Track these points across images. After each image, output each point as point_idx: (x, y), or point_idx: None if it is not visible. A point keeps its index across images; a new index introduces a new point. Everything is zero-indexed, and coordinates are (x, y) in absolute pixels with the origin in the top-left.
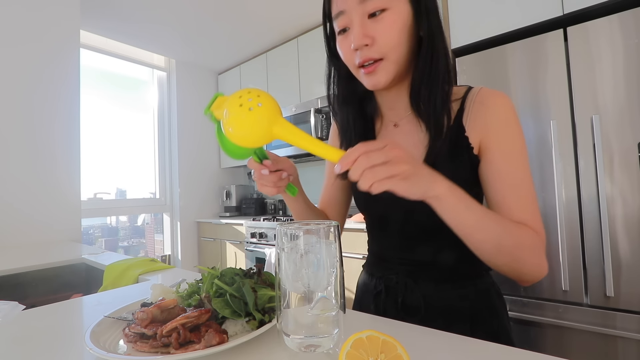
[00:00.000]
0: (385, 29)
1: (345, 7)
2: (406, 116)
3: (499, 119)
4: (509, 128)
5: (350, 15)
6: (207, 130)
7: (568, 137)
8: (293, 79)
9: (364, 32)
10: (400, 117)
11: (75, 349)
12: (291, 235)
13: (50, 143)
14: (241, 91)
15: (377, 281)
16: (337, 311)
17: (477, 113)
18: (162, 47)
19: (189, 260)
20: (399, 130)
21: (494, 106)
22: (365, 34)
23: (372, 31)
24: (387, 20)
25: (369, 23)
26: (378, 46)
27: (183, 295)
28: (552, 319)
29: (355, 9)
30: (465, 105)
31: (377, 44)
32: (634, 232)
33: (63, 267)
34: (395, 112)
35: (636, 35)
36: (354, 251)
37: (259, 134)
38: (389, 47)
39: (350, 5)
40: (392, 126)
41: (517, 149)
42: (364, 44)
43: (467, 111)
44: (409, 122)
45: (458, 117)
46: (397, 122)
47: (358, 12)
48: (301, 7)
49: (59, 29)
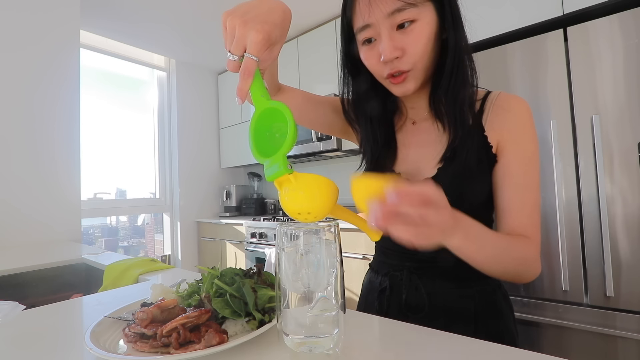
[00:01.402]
0: (414, 40)
1: (372, 20)
2: (425, 114)
3: (517, 122)
4: (525, 133)
5: (378, 28)
6: (207, 130)
7: (568, 137)
8: (293, 79)
9: (394, 44)
10: (419, 115)
11: (75, 349)
12: (291, 235)
13: (51, 143)
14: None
15: (382, 278)
16: (337, 311)
17: (497, 115)
18: (162, 47)
19: (189, 260)
20: (417, 127)
21: (514, 110)
22: (395, 47)
23: (401, 43)
24: (416, 32)
25: (398, 35)
26: (408, 57)
27: (183, 295)
28: (552, 319)
29: (383, 22)
30: (485, 107)
31: (406, 56)
32: (634, 232)
33: (63, 267)
34: (415, 111)
35: (636, 35)
36: (354, 251)
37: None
38: (418, 58)
39: (378, 18)
40: (411, 124)
41: (529, 154)
42: (394, 57)
43: (486, 112)
44: (426, 119)
45: (477, 117)
46: (416, 120)
47: (386, 25)
48: (301, 7)
49: (59, 29)
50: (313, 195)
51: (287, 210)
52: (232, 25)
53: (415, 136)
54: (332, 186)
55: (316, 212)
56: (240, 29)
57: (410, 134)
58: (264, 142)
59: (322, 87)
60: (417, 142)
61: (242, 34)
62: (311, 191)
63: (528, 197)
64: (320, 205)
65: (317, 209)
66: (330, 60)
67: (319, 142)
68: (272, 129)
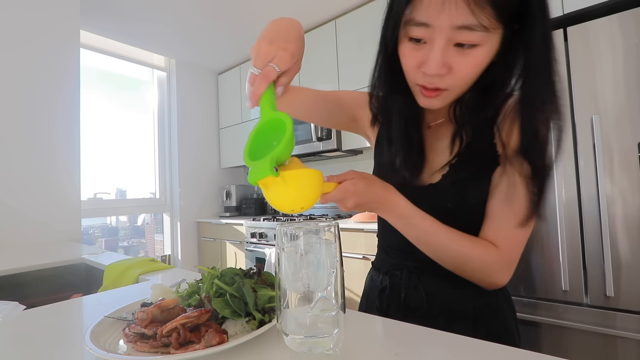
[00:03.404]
0: (469, 66)
1: (434, 22)
2: (441, 119)
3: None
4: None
5: (435, 34)
6: (207, 130)
7: (568, 137)
8: (293, 79)
9: (444, 60)
10: (434, 120)
11: (75, 349)
12: (291, 235)
13: (51, 143)
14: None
15: (383, 277)
16: (337, 311)
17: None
18: (162, 47)
19: (189, 260)
20: (431, 132)
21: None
22: (444, 64)
23: (452, 62)
24: (474, 58)
25: (452, 51)
26: (451, 79)
27: (183, 295)
28: (552, 319)
29: (445, 30)
30: (501, 111)
31: (451, 77)
32: (634, 232)
33: (63, 267)
34: (433, 116)
35: (636, 35)
36: (354, 251)
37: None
38: (462, 83)
39: (442, 25)
40: (427, 128)
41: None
42: (438, 73)
43: (500, 117)
44: (442, 125)
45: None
46: (430, 124)
47: (446, 34)
48: (301, 7)
49: (59, 29)
50: (303, 191)
51: (279, 208)
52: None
53: (430, 140)
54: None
55: (308, 205)
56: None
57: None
58: (260, 149)
59: (322, 87)
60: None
61: (267, 51)
62: (301, 187)
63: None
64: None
65: (309, 202)
66: (331, 60)
67: (319, 142)
68: (272, 138)
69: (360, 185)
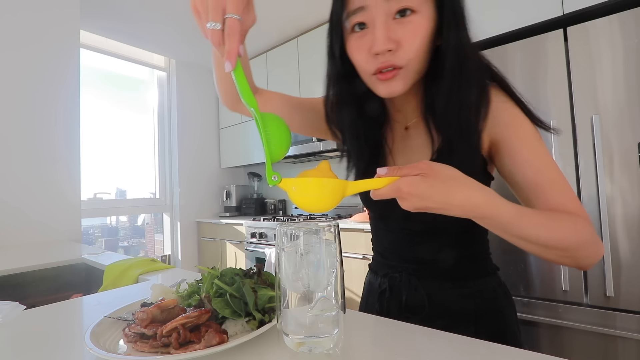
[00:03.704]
0: (413, 33)
1: (368, 2)
2: (415, 118)
3: (505, 112)
4: (517, 118)
5: (373, 13)
6: (207, 130)
7: (568, 137)
8: (293, 79)
9: (389, 35)
10: (409, 119)
11: (75, 349)
12: (291, 235)
13: (51, 143)
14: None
15: (382, 280)
16: (337, 311)
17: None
18: (162, 47)
19: (189, 260)
20: (408, 133)
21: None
22: (390, 38)
23: (397, 35)
24: (415, 24)
25: (394, 25)
26: (403, 52)
27: (183, 295)
28: (552, 319)
29: (381, 6)
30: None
31: (402, 50)
32: (634, 232)
33: (63, 267)
34: (403, 115)
35: (636, 35)
36: (354, 251)
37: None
38: (414, 54)
39: (375, 1)
40: (404, 130)
41: (531, 134)
42: (387, 49)
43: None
44: (417, 125)
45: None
46: (407, 124)
47: (383, 10)
48: (301, 7)
49: (59, 29)
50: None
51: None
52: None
53: (405, 142)
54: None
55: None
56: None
57: (400, 140)
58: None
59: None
60: (406, 148)
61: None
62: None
63: (553, 174)
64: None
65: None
66: None
67: (319, 142)
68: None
69: (420, 187)
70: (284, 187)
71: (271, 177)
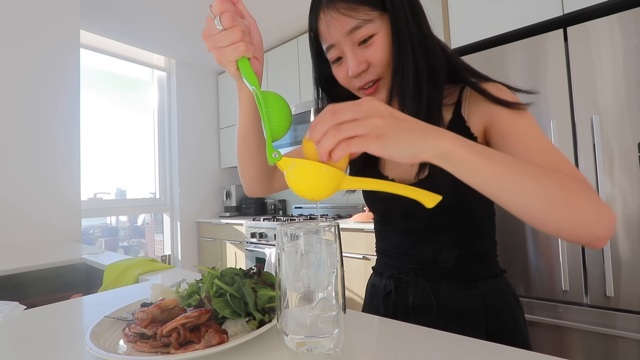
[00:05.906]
0: (375, 52)
1: (335, 40)
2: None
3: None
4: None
5: (341, 47)
6: (207, 130)
7: (568, 137)
8: (293, 79)
9: (358, 59)
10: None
11: (75, 349)
12: (291, 235)
13: (51, 143)
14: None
15: (387, 281)
16: (338, 311)
17: (476, 102)
18: (162, 47)
19: (189, 260)
20: None
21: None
22: (359, 62)
23: (364, 57)
24: (377, 44)
25: (360, 50)
26: (374, 68)
27: (183, 295)
28: (552, 319)
29: (345, 41)
30: (462, 98)
31: (372, 67)
32: (634, 232)
33: (63, 267)
34: None
35: (636, 35)
36: (354, 251)
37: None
38: (385, 67)
39: (339, 38)
40: None
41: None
42: (360, 71)
43: (464, 103)
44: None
45: (456, 110)
46: None
47: (348, 43)
48: (301, 7)
49: (59, 29)
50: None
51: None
52: (374, 122)
53: None
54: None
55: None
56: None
57: None
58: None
59: None
60: None
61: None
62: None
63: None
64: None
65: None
66: None
67: None
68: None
69: (377, 106)
70: (281, 167)
71: (271, 154)
